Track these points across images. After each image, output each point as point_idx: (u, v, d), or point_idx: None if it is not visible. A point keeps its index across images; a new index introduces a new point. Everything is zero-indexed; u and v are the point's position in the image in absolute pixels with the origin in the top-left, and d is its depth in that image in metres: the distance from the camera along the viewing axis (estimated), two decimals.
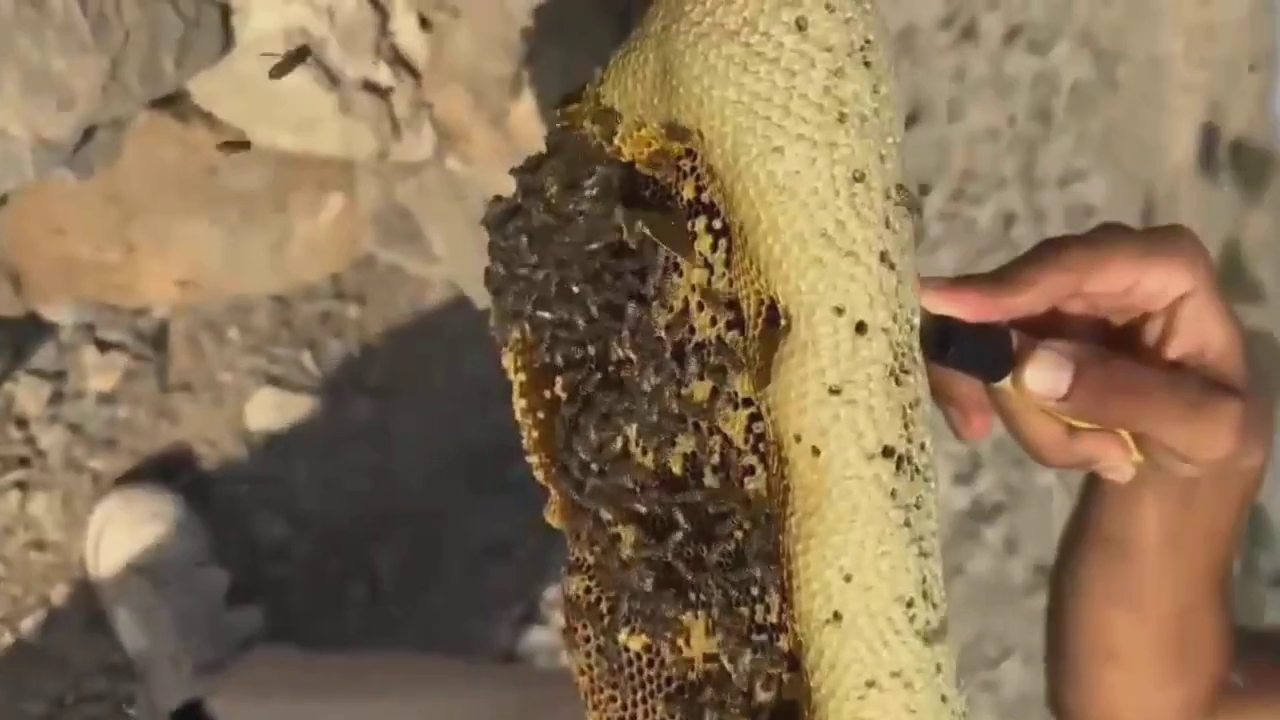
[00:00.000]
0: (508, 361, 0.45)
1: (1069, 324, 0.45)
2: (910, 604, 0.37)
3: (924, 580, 0.37)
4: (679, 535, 0.42)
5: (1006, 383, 0.42)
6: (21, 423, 1.20)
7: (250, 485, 1.31)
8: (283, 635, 1.29)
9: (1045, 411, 0.43)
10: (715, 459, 0.41)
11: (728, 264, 0.38)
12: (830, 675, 0.37)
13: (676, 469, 0.42)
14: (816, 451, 0.36)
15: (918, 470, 0.37)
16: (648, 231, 0.40)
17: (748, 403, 0.40)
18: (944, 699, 0.38)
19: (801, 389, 0.36)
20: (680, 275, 0.41)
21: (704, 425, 0.41)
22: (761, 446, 0.39)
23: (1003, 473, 1.75)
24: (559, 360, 0.44)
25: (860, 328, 0.36)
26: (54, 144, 0.86)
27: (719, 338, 0.40)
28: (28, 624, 1.20)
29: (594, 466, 0.43)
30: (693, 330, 0.41)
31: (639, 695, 0.43)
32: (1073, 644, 0.54)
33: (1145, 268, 0.42)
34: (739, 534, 0.41)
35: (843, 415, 0.36)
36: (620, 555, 0.43)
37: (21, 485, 1.20)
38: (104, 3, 0.82)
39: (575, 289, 0.42)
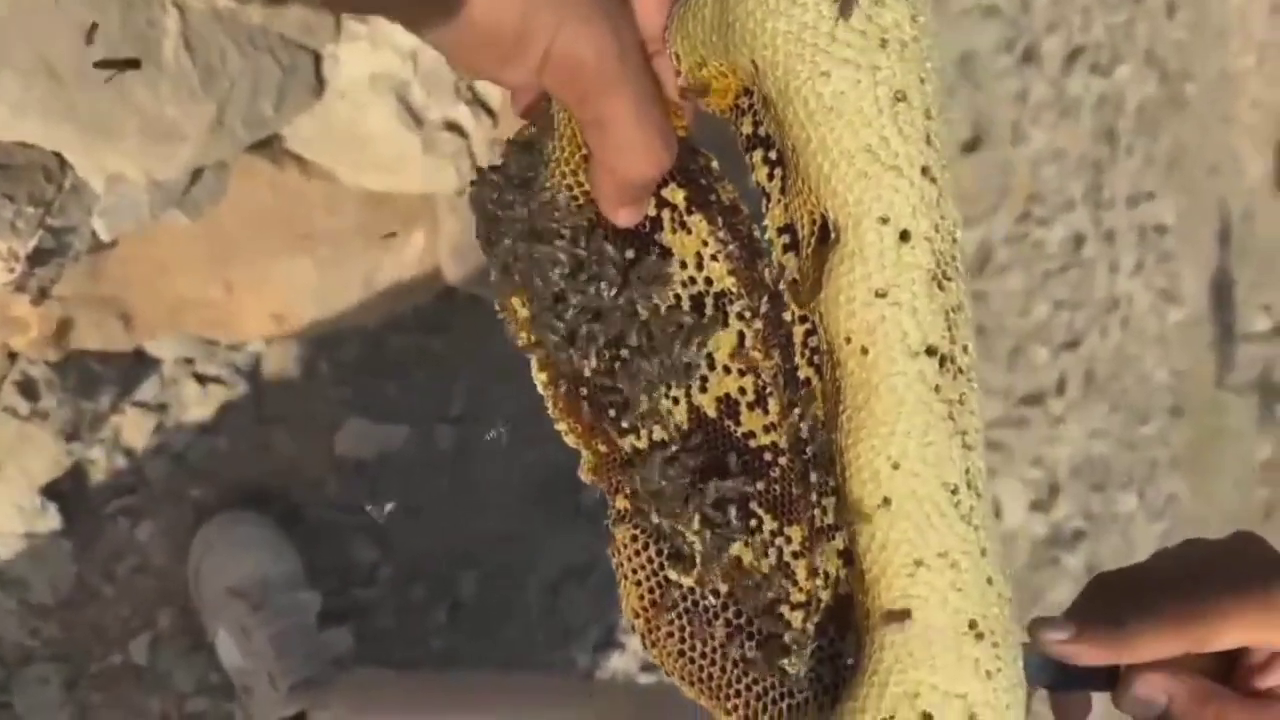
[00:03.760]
0: (522, 335, 0.48)
1: None
2: (955, 490, 0.40)
3: (968, 471, 0.41)
4: (721, 475, 0.44)
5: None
6: (128, 453, 1.26)
7: (339, 512, 1.36)
8: (369, 657, 1.33)
9: None
10: (750, 396, 0.45)
11: (783, 190, 0.43)
12: (881, 555, 0.40)
13: (711, 412, 0.45)
14: (865, 351, 0.40)
15: (961, 370, 0.41)
16: None
17: (804, 319, 0.43)
18: (989, 580, 0.40)
19: (850, 294, 0.40)
20: (689, 232, 0.44)
21: (734, 367, 0.44)
22: (816, 359, 0.43)
23: (1082, 499, 1.74)
24: (570, 330, 0.45)
25: (904, 235, 0.40)
26: (166, 186, 0.92)
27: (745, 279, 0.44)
28: (136, 645, 1.26)
29: (623, 423, 0.45)
30: (709, 281, 0.44)
31: (694, 626, 0.46)
32: None
33: (1259, 634, 0.48)
34: (781, 461, 0.44)
35: (888, 316, 0.40)
36: (661, 500, 0.45)
37: (129, 512, 1.27)
38: (211, 53, 0.88)
39: (565, 259, 0.45)
